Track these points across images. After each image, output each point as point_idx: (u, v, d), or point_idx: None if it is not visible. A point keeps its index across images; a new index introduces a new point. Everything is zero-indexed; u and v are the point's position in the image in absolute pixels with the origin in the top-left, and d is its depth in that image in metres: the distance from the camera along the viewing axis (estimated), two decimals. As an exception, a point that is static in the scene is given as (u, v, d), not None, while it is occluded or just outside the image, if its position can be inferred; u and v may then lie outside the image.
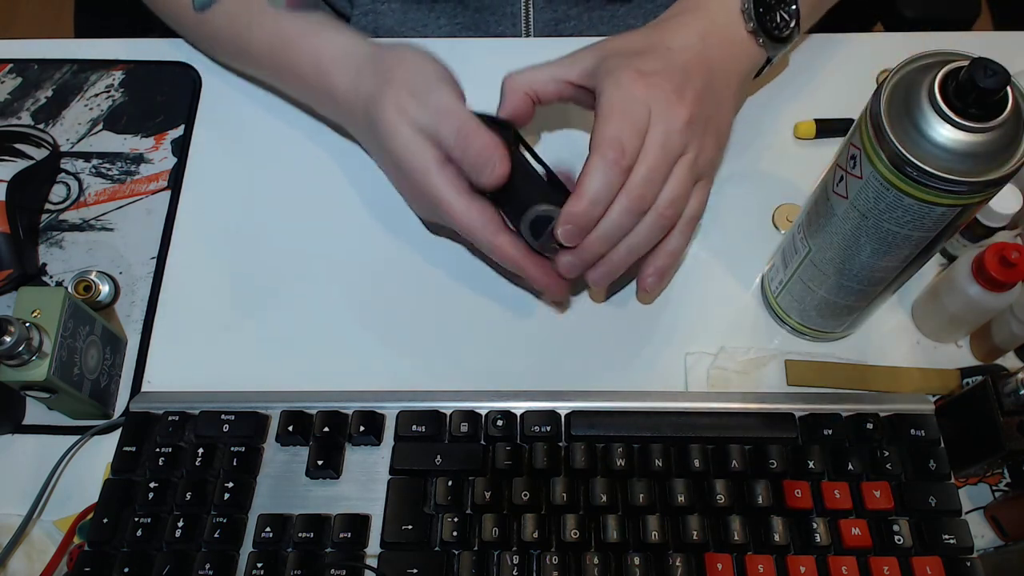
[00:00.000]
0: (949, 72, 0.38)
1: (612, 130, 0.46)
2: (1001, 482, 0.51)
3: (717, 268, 0.58)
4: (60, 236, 0.59)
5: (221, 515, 0.47)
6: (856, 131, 0.42)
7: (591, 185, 0.46)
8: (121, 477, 0.49)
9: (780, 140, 0.62)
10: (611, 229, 0.48)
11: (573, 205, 0.47)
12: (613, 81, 0.48)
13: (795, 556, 0.46)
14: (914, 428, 0.49)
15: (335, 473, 0.48)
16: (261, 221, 0.60)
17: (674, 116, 0.48)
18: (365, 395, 0.51)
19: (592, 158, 0.47)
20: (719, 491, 0.47)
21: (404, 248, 0.59)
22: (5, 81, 0.64)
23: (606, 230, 0.48)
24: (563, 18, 0.68)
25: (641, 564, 0.45)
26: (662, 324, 0.56)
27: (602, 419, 0.49)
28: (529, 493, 0.47)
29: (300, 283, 0.57)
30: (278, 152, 0.62)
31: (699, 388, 0.53)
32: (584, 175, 0.47)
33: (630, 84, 0.47)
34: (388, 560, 0.46)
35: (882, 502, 0.47)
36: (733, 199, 0.60)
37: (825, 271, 0.48)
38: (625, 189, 0.47)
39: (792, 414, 0.50)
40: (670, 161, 0.48)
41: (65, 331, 0.49)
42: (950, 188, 0.38)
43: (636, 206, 0.47)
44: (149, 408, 0.51)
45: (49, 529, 0.50)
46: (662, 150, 0.47)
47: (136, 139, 0.63)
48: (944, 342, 0.55)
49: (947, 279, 0.52)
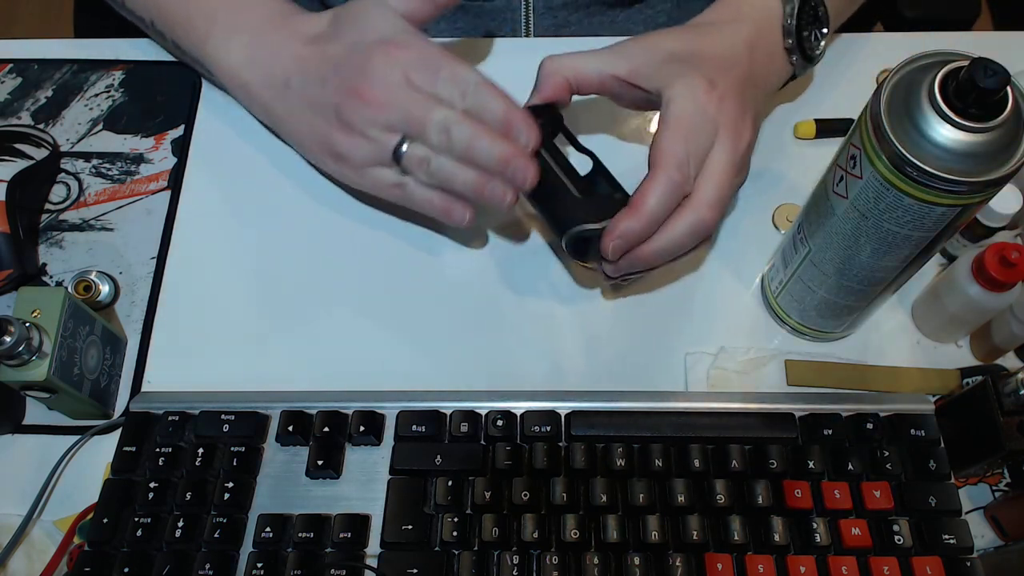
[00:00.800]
0: (949, 72, 0.38)
1: (681, 148, 0.45)
2: (1001, 482, 0.51)
3: (717, 268, 0.58)
4: (60, 236, 0.59)
5: (221, 515, 0.47)
6: (856, 131, 0.42)
7: (652, 204, 0.45)
8: (121, 477, 0.49)
9: (780, 140, 0.62)
10: (670, 248, 0.47)
11: (632, 222, 0.45)
12: (685, 90, 0.47)
13: (795, 556, 0.46)
14: (914, 428, 0.49)
15: (335, 473, 0.48)
16: (261, 221, 0.60)
17: (741, 139, 0.47)
18: (365, 395, 0.51)
19: (657, 174, 0.45)
20: (719, 491, 0.47)
21: (404, 248, 0.59)
22: (5, 81, 0.64)
23: (665, 248, 0.47)
24: (563, 24, 0.68)
25: (641, 564, 0.45)
26: (662, 324, 0.56)
27: (602, 419, 0.49)
28: (529, 493, 0.47)
29: (300, 283, 0.57)
30: (278, 152, 0.62)
31: (699, 388, 0.53)
32: (646, 192, 0.45)
33: (704, 99, 0.46)
34: (388, 560, 0.46)
35: (882, 502, 0.47)
36: (733, 199, 0.60)
37: (825, 271, 0.48)
38: (694, 211, 0.46)
39: (792, 414, 0.50)
40: (733, 184, 0.47)
41: (65, 331, 0.49)
42: (950, 188, 0.38)
43: (703, 231, 0.47)
44: (149, 408, 0.51)
45: (49, 529, 0.50)
46: (729, 175, 0.46)
47: (136, 139, 0.63)
48: (944, 342, 0.55)
49: (947, 279, 0.52)
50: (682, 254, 0.49)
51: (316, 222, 0.59)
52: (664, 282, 0.57)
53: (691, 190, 0.46)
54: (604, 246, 0.47)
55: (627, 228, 0.46)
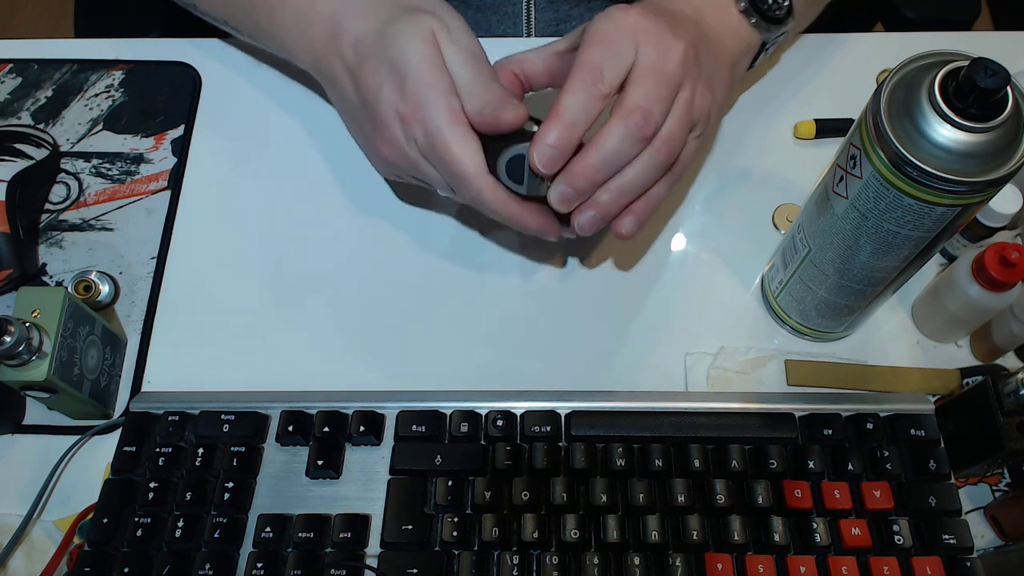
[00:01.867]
0: (949, 72, 0.38)
1: (594, 55, 0.44)
2: (1001, 482, 0.51)
3: (717, 268, 0.58)
4: (60, 236, 0.59)
5: (221, 515, 0.47)
6: (856, 131, 0.42)
7: (568, 105, 0.43)
8: (121, 477, 0.49)
9: (780, 140, 0.62)
10: (606, 156, 0.44)
11: (552, 126, 0.44)
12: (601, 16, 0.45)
13: (795, 556, 0.46)
14: (914, 428, 0.49)
15: (335, 473, 0.48)
16: (261, 221, 0.60)
17: (668, 47, 0.45)
18: (365, 395, 0.51)
19: (569, 82, 0.44)
20: (719, 491, 0.47)
21: (405, 248, 0.59)
22: (5, 81, 0.64)
23: (602, 156, 0.44)
24: (564, 18, 0.68)
25: (641, 564, 0.45)
26: (662, 324, 0.56)
27: (602, 419, 0.49)
28: (529, 493, 0.47)
29: (300, 283, 0.57)
30: (278, 152, 0.62)
31: (699, 388, 0.53)
32: (561, 97, 0.44)
33: (620, 14, 0.45)
34: (388, 560, 0.46)
35: (882, 502, 0.47)
36: (733, 199, 0.60)
37: (825, 271, 0.48)
38: (621, 113, 0.44)
39: (792, 414, 0.50)
40: (666, 90, 0.45)
41: (65, 331, 0.49)
42: (950, 188, 0.38)
43: (634, 132, 0.44)
44: (149, 408, 0.51)
45: (49, 529, 0.50)
46: (657, 77, 0.44)
47: (136, 139, 0.63)
48: (944, 342, 0.55)
49: (947, 279, 0.52)
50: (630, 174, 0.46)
51: (316, 222, 0.59)
52: (664, 282, 0.57)
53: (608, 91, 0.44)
54: (531, 159, 0.44)
55: (548, 132, 0.43)
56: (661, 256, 0.58)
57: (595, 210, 0.46)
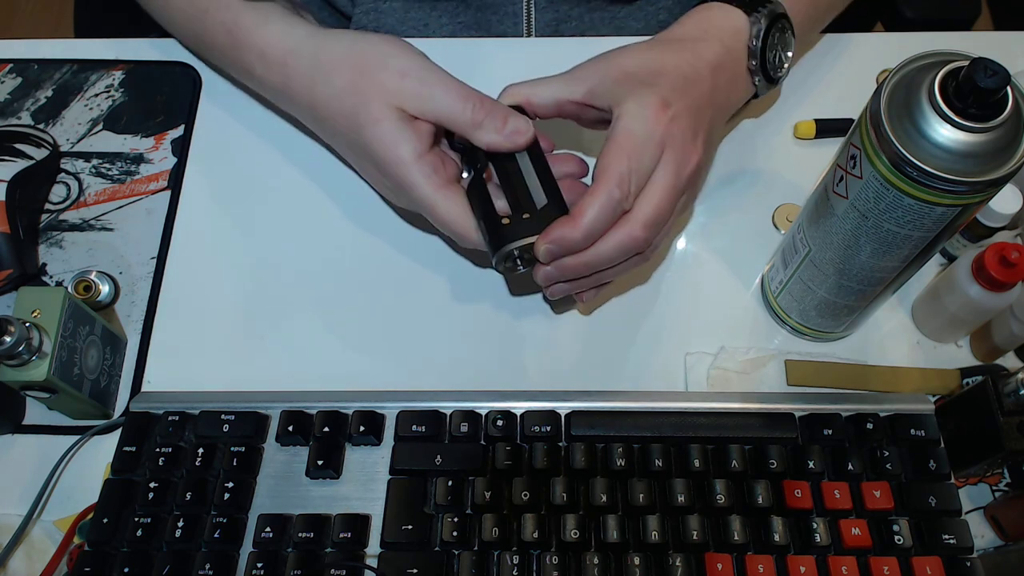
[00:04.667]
0: (949, 72, 0.38)
1: (624, 165, 0.45)
2: (1001, 482, 0.51)
3: (717, 268, 0.58)
4: (60, 236, 0.59)
5: (221, 515, 0.47)
6: (856, 131, 0.42)
7: (590, 216, 0.45)
8: (121, 477, 0.49)
9: (780, 140, 0.62)
10: (599, 261, 0.47)
11: (567, 231, 0.45)
12: (635, 107, 0.47)
13: (795, 556, 0.46)
14: (914, 428, 0.49)
15: (335, 473, 0.48)
16: (261, 221, 0.60)
17: (687, 162, 0.47)
18: (365, 395, 0.51)
19: (598, 188, 0.45)
20: (719, 491, 0.47)
21: (404, 248, 0.59)
22: (5, 81, 0.64)
23: (594, 260, 0.47)
24: (564, 18, 0.68)
25: (641, 564, 0.45)
26: (662, 324, 0.56)
27: (602, 419, 0.49)
28: (529, 493, 0.47)
29: (300, 283, 0.57)
30: (278, 152, 0.62)
31: (699, 388, 0.53)
32: (585, 205, 0.45)
33: (653, 118, 0.46)
34: (388, 560, 0.46)
35: (882, 502, 0.47)
36: (733, 199, 0.60)
37: (825, 271, 0.48)
38: (627, 228, 0.46)
39: (792, 414, 0.50)
40: (673, 203, 0.47)
41: (65, 331, 0.49)
42: (950, 188, 0.38)
43: (631, 248, 0.47)
44: (149, 408, 0.51)
45: (49, 529, 0.50)
46: (668, 193, 0.46)
47: (136, 139, 0.63)
48: (944, 342, 0.55)
49: (947, 279, 0.52)
50: (610, 269, 0.48)
51: (316, 222, 0.59)
52: (664, 282, 0.57)
53: (630, 207, 0.46)
54: (537, 247, 0.47)
55: (562, 235, 0.46)
56: (661, 256, 0.58)
57: (570, 287, 0.50)
